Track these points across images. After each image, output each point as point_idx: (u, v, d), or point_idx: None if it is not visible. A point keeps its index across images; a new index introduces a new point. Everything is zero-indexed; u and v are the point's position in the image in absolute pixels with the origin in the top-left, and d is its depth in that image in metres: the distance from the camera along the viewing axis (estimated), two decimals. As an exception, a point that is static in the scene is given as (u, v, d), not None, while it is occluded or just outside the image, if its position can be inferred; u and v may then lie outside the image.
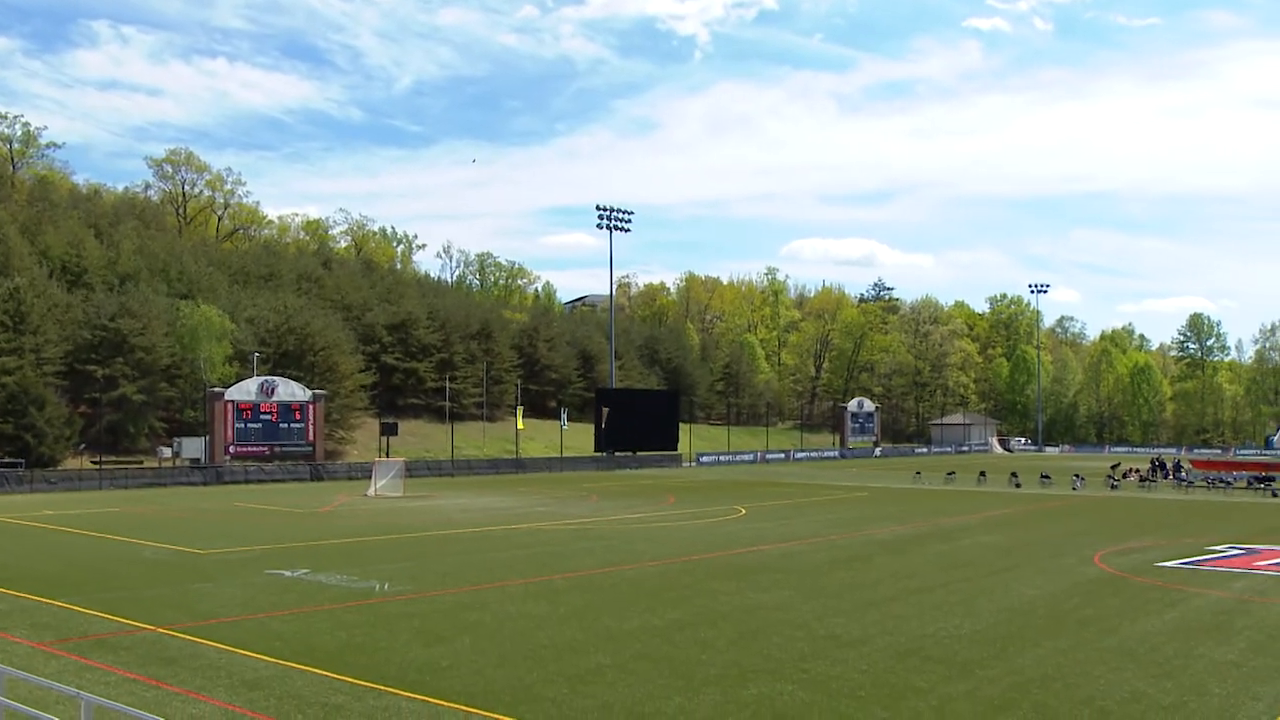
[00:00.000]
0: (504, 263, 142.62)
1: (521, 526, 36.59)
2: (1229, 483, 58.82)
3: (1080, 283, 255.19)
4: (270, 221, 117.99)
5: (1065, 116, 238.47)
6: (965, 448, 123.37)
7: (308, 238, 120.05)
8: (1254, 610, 20.84)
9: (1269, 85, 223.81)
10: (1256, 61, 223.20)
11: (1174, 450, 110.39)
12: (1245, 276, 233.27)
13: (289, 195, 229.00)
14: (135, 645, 16.84)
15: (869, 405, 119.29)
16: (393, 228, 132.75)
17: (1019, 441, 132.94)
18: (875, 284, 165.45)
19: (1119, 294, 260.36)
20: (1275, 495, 53.94)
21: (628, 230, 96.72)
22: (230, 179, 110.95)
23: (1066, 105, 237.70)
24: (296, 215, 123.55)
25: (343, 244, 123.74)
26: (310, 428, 68.15)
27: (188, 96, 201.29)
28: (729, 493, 55.07)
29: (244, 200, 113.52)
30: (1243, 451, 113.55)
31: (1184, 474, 62.29)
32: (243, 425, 65.16)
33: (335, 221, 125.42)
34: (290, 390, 67.68)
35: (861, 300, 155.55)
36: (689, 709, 13.34)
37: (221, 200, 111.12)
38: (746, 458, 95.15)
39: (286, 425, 67.06)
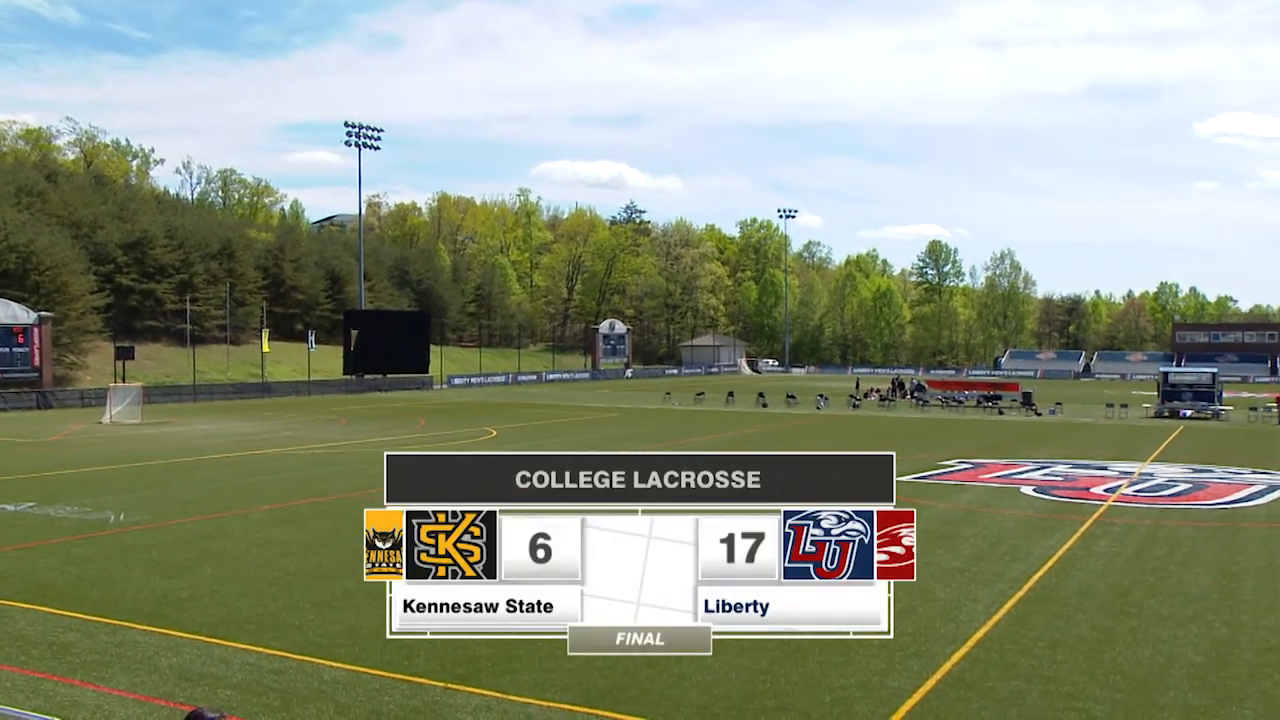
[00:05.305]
0: (249, 180, 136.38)
1: (267, 452, 35.54)
2: (961, 401, 62.23)
3: (824, 209, 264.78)
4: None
5: (808, 47, 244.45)
6: (715, 369, 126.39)
7: (28, 148, 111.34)
8: (978, 519, 22.16)
9: (992, 26, 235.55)
10: (982, 3, 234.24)
11: (912, 371, 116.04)
12: (977, 207, 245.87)
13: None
14: None
15: (620, 327, 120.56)
16: (127, 140, 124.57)
17: (767, 363, 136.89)
18: (627, 207, 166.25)
19: (861, 220, 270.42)
20: (1001, 413, 57.45)
21: (377, 148, 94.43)
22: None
23: (809, 36, 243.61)
24: (14, 123, 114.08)
25: (70, 156, 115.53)
26: (36, 352, 64.16)
27: None
28: (480, 415, 54.90)
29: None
30: (974, 372, 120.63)
31: (922, 394, 65.44)
32: (-42, 350, 60.81)
33: (60, 131, 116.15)
34: (12, 312, 63.43)
35: (613, 223, 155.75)
36: (441, 632, 13.20)
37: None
38: (499, 379, 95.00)
39: (8, 350, 62.82)
